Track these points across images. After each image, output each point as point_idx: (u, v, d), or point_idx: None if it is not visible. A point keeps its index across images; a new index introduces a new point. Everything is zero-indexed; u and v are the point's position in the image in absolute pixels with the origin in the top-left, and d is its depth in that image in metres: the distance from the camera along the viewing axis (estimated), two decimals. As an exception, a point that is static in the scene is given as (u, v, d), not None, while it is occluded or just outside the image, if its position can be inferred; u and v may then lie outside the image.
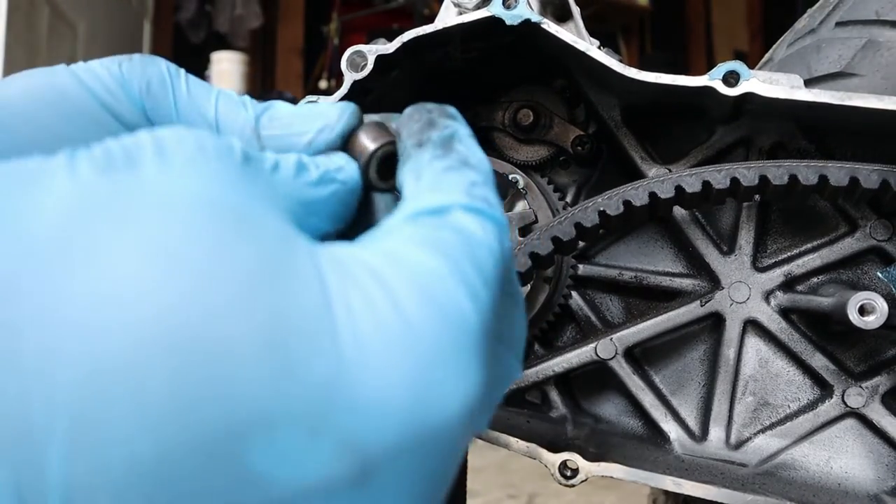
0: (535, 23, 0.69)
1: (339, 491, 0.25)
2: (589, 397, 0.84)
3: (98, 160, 0.28)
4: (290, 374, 0.24)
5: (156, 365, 0.23)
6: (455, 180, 0.34)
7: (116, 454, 0.23)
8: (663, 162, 0.81)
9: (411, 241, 0.30)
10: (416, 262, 0.29)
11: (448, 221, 0.32)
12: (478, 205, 0.33)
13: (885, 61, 0.82)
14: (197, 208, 0.26)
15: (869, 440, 0.77)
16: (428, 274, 0.28)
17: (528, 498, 2.45)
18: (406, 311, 0.27)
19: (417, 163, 0.37)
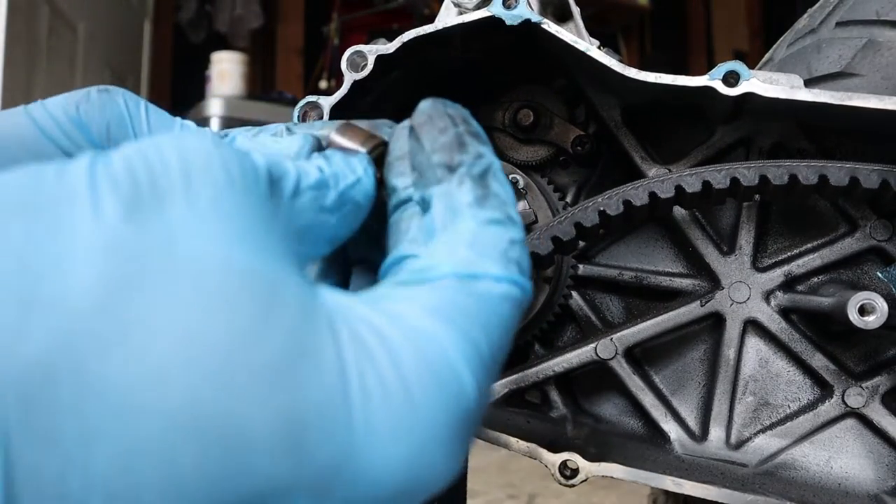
0: (536, 23, 0.69)
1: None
2: (589, 397, 0.84)
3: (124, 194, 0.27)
4: (305, 456, 0.26)
5: (185, 445, 0.25)
6: (495, 239, 0.34)
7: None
8: (663, 162, 0.81)
9: (434, 312, 0.30)
10: (433, 339, 0.29)
11: (477, 289, 0.32)
12: (513, 275, 0.33)
13: (885, 61, 0.82)
14: (225, 281, 0.27)
15: (869, 440, 0.77)
16: (441, 355, 0.29)
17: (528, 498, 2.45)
18: (414, 394, 0.28)
19: (453, 199, 0.36)
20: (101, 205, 0.26)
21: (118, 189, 0.27)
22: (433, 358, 0.29)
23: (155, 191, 0.27)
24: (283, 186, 0.33)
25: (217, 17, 4.72)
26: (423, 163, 0.38)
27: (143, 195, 0.27)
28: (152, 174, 0.28)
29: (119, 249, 0.26)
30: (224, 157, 0.30)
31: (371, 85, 0.70)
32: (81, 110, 0.41)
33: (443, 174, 0.37)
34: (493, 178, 0.37)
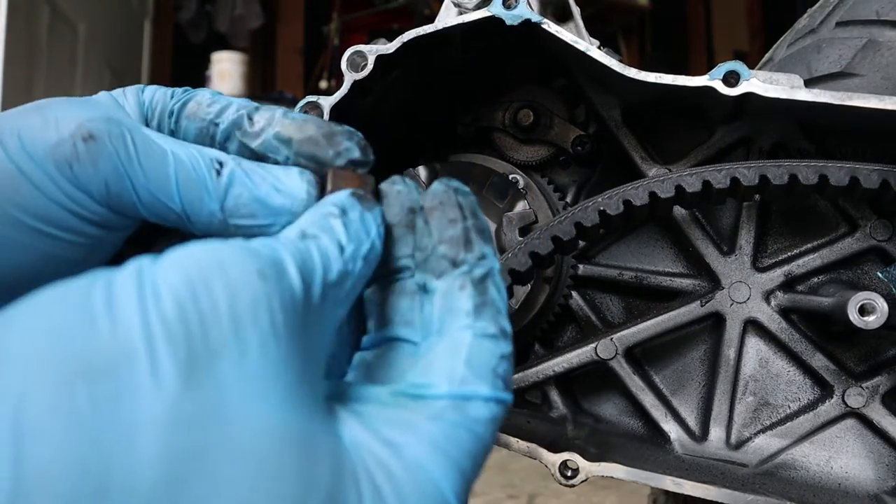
0: (536, 23, 0.69)
1: None
2: (589, 397, 0.84)
3: (180, 355, 0.28)
4: None
5: None
6: (488, 356, 0.37)
7: None
8: (663, 162, 0.81)
9: (431, 445, 0.34)
10: (429, 474, 0.33)
11: (469, 414, 0.35)
12: (499, 393, 0.36)
13: (885, 61, 0.82)
14: (275, 451, 0.28)
15: (869, 440, 0.77)
16: (435, 488, 0.33)
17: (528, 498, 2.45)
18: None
19: (453, 300, 0.38)
20: (160, 368, 0.27)
21: (175, 347, 0.28)
22: (429, 492, 0.33)
23: (207, 346, 0.28)
24: (313, 292, 0.34)
25: (217, 17, 4.72)
26: (427, 247, 0.40)
27: (198, 352, 0.28)
28: (204, 323, 0.29)
29: (178, 424, 0.27)
30: (268, 290, 0.31)
31: (371, 85, 0.70)
32: (76, 171, 0.40)
33: (446, 267, 0.39)
34: (491, 283, 0.39)
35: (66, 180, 0.40)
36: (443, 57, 0.76)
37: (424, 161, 0.84)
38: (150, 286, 0.29)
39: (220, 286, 0.30)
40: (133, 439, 0.26)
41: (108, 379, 0.27)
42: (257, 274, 0.31)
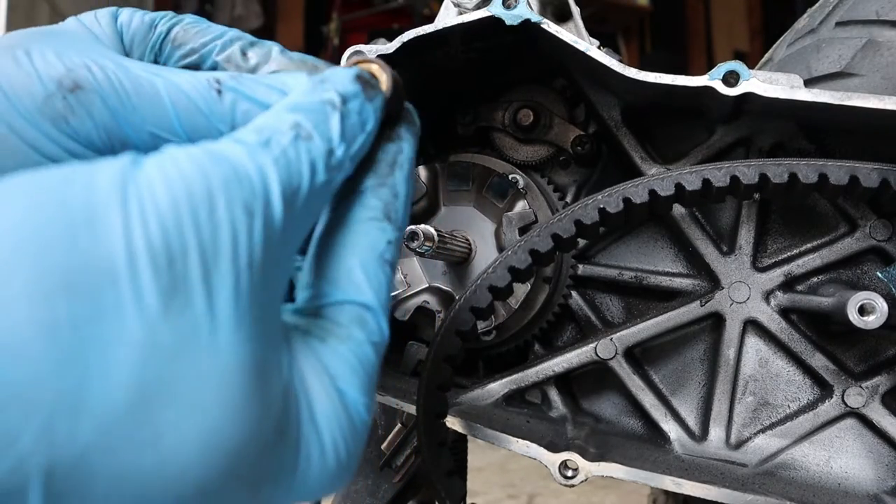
0: (535, 23, 0.69)
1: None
2: (589, 397, 0.84)
3: (163, 283, 0.28)
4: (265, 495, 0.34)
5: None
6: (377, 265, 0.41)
7: None
8: (663, 162, 0.81)
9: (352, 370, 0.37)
10: (350, 398, 0.37)
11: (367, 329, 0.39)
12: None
13: (885, 61, 0.82)
14: (239, 383, 0.30)
15: (869, 440, 0.77)
16: (355, 409, 0.37)
17: (528, 498, 2.45)
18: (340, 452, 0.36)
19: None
20: (143, 293, 0.28)
21: (158, 274, 0.28)
22: (349, 409, 0.36)
23: (187, 276, 0.29)
24: (292, 214, 0.34)
25: (217, 17, 4.72)
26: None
27: (178, 281, 0.29)
28: (186, 254, 0.29)
29: (155, 349, 0.28)
30: (251, 227, 0.31)
31: (371, 85, 0.70)
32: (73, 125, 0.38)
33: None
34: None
35: (66, 136, 0.38)
36: (442, 57, 0.76)
37: (424, 161, 0.84)
38: (135, 200, 0.29)
39: (206, 218, 0.30)
40: (111, 360, 0.27)
41: (89, 297, 0.27)
42: (243, 209, 0.31)
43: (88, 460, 0.26)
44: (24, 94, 0.37)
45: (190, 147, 0.32)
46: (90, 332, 0.27)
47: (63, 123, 0.38)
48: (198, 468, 0.29)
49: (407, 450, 0.87)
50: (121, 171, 0.29)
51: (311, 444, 0.34)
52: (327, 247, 0.39)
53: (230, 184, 0.31)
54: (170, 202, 0.29)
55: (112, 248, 0.27)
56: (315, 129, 0.36)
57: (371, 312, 0.38)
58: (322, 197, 0.36)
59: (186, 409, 0.28)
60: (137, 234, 0.28)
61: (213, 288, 0.29)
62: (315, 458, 0.34)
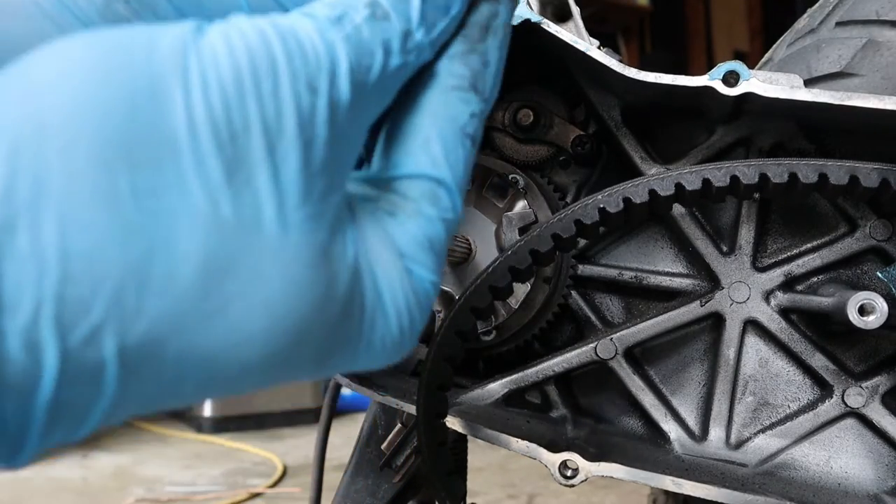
0: (535, 23, 0.69)
1: None
2: (589, 397, 0.84)
3: (227, 156, 0.28)
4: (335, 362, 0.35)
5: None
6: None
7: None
8: (663, 162, 0.81)
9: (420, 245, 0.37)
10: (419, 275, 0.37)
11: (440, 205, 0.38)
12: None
13: (885, 61, 0.82)
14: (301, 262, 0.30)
15: (869, 440, 0.77)
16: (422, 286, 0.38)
17: (528, 498, 2.45)
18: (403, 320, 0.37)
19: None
20: (205, 167, 0.28)
21: (220, 148, 0.28)
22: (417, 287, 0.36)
23: (250, 152, 0.29)
24: (362, 95, 0.32)
25: (217, 17, 4.72)
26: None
27: (241, 157, 0.28)
28: (248, 129, 0.29)
29: (219, 223, 0.28)
30: (315, 105, 0.30)
31: (371, 85, 0.70)
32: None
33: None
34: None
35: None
36: (442, 57, 0.76)
37: (424, 161, 0.84)
38: (196, 70, 0.28)
39: (269, 93, 0.29)
40: (175, 234, 0.27)
41: (151, 169, 0.27)
42: (307, 86, 0.30)
43: (158, 331, 0.27)
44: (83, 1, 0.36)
45: (258, 18, 0.31)
46: (153, 205, 0.27)
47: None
48: (263, 339, 0.29)
49: (407, 450, 0.88)
50: (182, 38, 0.29)
51: (377, 318, 0.34)
52: (404, 115, 0.38)
53: (294, 58, 0.30)
54: (232, 74, 0.29)
55: (174, 120, 0.27)
56: (392, 8, 0.34)
57: (445, 188, 0.37)
58: (397, 78, 0.35)
59: (251, 282, 0.29)
60: (199, 106, 0.28)
61: (276, 163, 0.29)
62: (380, 328, 0.35)
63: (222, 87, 0.28)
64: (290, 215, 0.30)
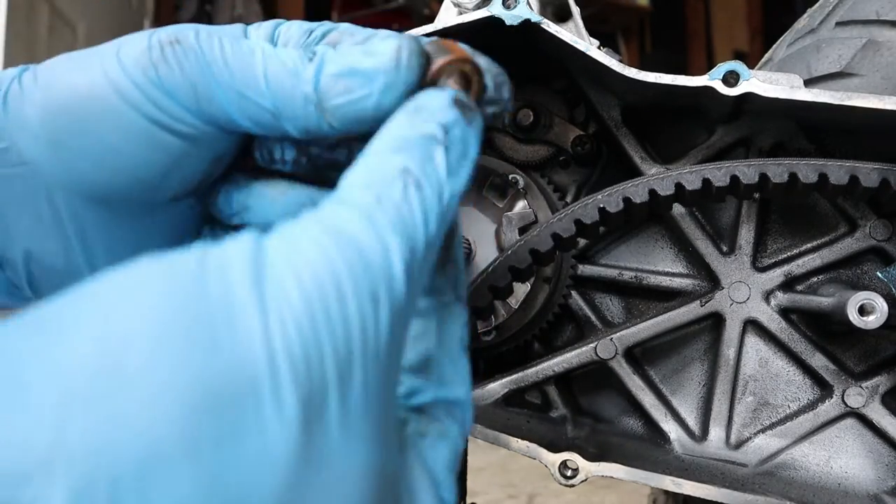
0: (535, 23, 0.69)
1: None
2: (589, 397, 0.84)
3: (303, 396, 0.26)
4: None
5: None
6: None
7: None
8: (663, 161, 0.81)
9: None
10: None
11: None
12: None
13: (885, 61, 0.82)
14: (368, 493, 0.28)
15: (869, 440, 0.77)
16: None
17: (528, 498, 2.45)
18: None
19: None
20: (284, 404, 0.26)
21: (297, 381, 0.26)
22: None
23: (323, 381, 0.27)
24: (415, 268, 0.32)
25: (217, 17, 4.72)
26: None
27: (315, 388, 0.27)
28: (322, 357, 0.27)
29: (299, 464, 0.26)
30: (378, 317, 0.29)
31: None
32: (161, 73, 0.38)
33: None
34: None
35: (152, 84, 0.38)
36: (442, 57, 0.76)
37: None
38: (271, 298, 0.27)
39: (337, 315, 0.28)
40: (257, 479, 0.25)
41: (233, 410, 0.25)
42: (370, 298, 0.29)
43: None
44: (130, 50, 0.39)
45: (307, 223, 0.30)
46: (234, 449, 0.25)
47: (152, 72, 0.38)
48: None
49: (407, 450, 0.87)
50: (250, 259, 0.28)
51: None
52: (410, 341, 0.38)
53: (356, 270, 0.29)
54: (303, 298, 0.28)
55: (254, 353, 0.26)
56: (423, 174, 0.33)
57: (461, 406, 0.38)
58: (433, 249, 0.34)
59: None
60: (277, 337, 0.26)
61: (342, 391, 0.28)
62: None
63: (295, 318, 0.27)
64: (357, 442, 0.28)
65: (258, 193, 0.44)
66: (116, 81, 0.39)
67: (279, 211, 0.43)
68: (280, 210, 0.43)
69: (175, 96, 0.38)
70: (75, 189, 0.41)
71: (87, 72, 0.40)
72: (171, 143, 0.39)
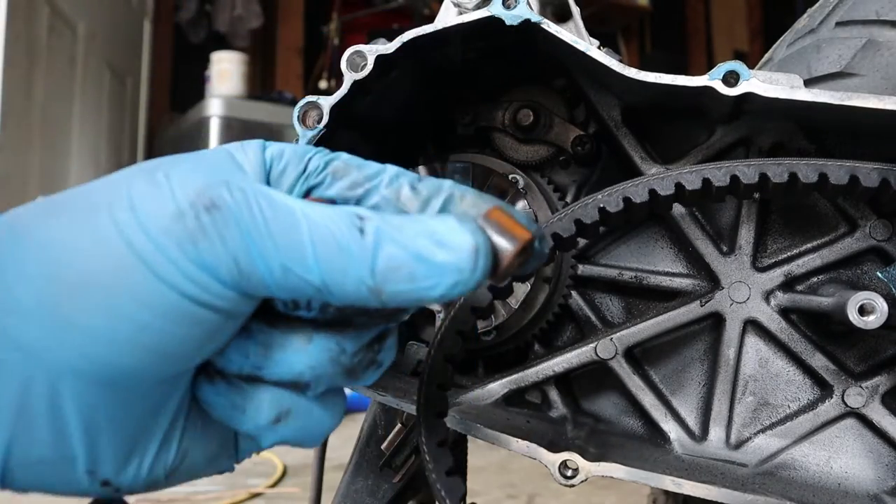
0: (535, 23, 0.69)
1: None
2: (589, 397, 0.84)
3: None
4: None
5: None
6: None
7: None
8: (663, 162, 0.81)
9: None
10: None
11: None
12: None
13: (885, 61, 0.82)
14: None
15: (869, 440, 0.77)
16: None
17: (528, 498, 2.45)
18: None
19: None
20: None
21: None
22: None
23: None
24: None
25: (217, 17, 4.72)
26: None
27: None
28: None
29: None
30: None
31: (371, 85, 0.70)
32: (202, 249, 0.34)
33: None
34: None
35: (190, 261, 0.34)
36: (442, 57, 0.76)
37: (424, 161, 0.84)
38: None
39: None
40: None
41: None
42: None
43: None
44: (153, 210, 0.34)
45: None
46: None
47: (190, 247, 0.34)
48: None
49: (407, 450, 0.87)
50: None
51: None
52: None
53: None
54: None
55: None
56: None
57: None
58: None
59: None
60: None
61: None
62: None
63: None
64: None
65: (279, 345, 0.39)
66: (143, 254, 0.34)
67: (305, 362, 0.39)
68: (306, 361, 0.39)
69: (216, 273, 0.34)
70: (85, 373, 0.35)
71: (96, 234, 0.34)
72: (208, 317, 0.35)
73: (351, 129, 0.75)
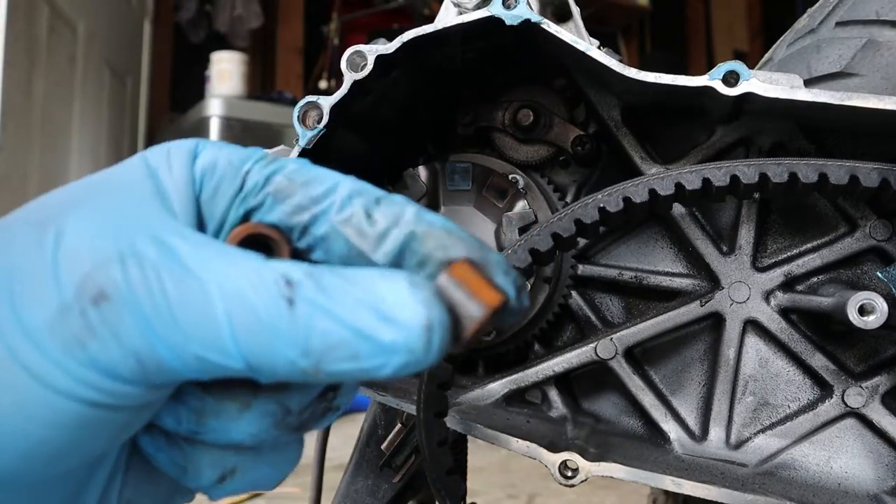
0: (535, 23, 0.69)
1: None
2: (589, 397, 0.84)
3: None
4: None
5: None
6: None
7: None
8: (663, 162, 0.81)
9: None
10: None
11: None
12: None
13: (885, 61, 0.82)
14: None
15: (869, 440, 0.77)
16: None
17: (528, 498, 2.45)
18: None
19: None
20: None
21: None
22: None
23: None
24: None
25: (217, 17, 4.72)
26: None
27: None
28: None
29: None
30: None
31: (371, 85, 0.70)
32: (93, 352, 0.30)
33: None
34: None
35: (79, 364, 0.29)
36: (442, 57, 0.76)
37: (424, 161, 0.84)
38: None
39: None
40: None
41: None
42: None
43: None
44: (34, 306, 0.29)
45: None
46: None
47: (78, 350, 0.29)
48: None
49: (407, 450, 0.87)
50: None
51: None
52: None
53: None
54: None
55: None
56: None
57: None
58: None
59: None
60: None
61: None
62: None
63: None
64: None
65: (213, 412, 0.34)
66: (29, 364, 0.29)
67: (245, 430, 0.34)
68: (245, 430, 0.34)
69: (113, 373, 0.29)
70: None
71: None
72: (112, 417, 0.31)
73: (351, 129, 0.75)
